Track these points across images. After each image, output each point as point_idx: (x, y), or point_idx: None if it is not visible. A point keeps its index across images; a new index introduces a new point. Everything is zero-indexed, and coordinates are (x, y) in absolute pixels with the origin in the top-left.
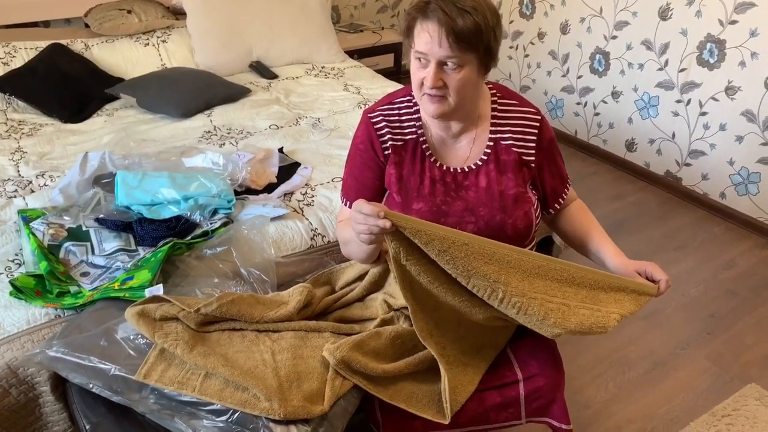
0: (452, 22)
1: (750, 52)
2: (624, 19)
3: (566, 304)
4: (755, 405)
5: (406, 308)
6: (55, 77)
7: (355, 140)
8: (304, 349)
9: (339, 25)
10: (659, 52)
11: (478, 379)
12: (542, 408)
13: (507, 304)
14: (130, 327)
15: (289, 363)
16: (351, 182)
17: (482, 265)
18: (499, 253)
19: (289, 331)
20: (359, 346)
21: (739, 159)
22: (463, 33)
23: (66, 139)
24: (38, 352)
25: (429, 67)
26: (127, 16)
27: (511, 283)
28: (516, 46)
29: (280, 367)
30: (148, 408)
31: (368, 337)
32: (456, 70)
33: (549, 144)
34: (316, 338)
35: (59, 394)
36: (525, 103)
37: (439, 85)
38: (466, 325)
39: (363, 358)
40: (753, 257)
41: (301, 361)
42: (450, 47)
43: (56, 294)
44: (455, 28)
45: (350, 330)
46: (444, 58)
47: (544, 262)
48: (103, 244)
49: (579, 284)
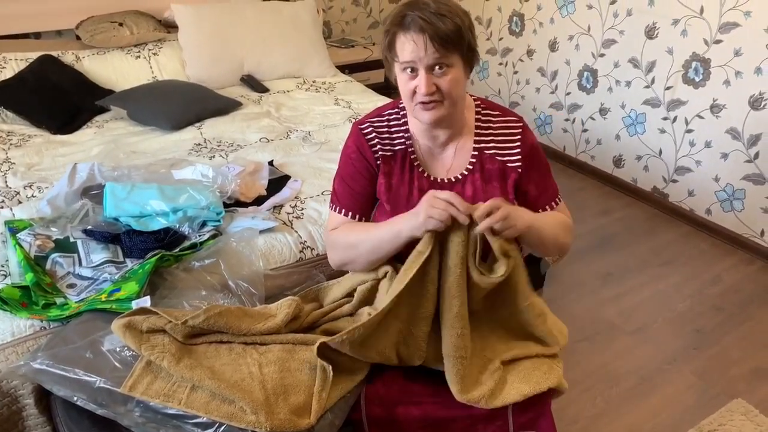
0: (433, 26)
1: (734, 71)
2: (611, 38)
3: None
4: (741, 420)
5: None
6: (45, 88)
7: (345, 150)
8: (291, 362)
9: (330, 40)
10: (646, 70)
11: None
12: (530, 422)
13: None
14: (116, 339)
15: (276, 376)
16: (342, 189)
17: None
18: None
19: (277, 344)
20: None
21: (725, 176)
22: (446, 35)
23: (55, 151)
24: (22, 364)
25: (419, 75)
26: (118, 28)
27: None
28: (505, 62)
29: (267, 380)
30: (133, 421)
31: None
32: (445, 73)
33: (531, 152)
34: (303, 351)
35: (43, 407)
36: (507, 113)
37: (433, 90)
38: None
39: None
40: (738, 273)
41: (288, 374)
42: (436, 51)
43: (42, 305)
44: (438, 32)
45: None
46: (432, 63)
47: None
48: (90, 256)
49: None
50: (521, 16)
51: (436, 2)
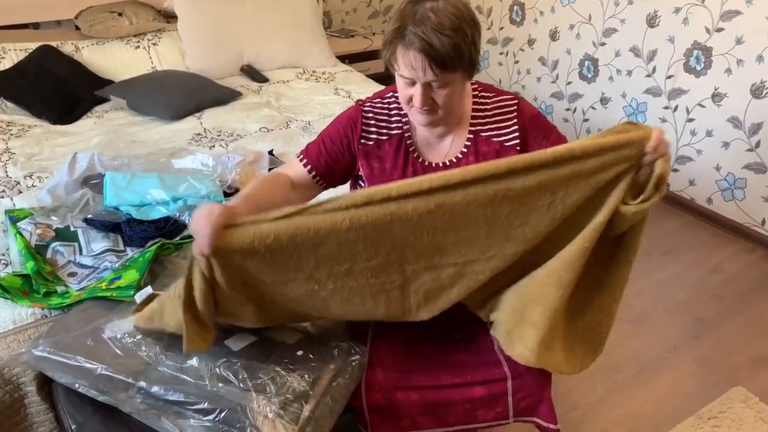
0: (432, 50)
1: (736, 60)
2: (612, 26)
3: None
4: (741, 407)
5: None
6: (45, 79)
7: (340, 117)
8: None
9: (330, 30)
10: (647, 59)
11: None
12: (530, 408)
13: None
14: (117, 326)
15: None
16: (316, 146)
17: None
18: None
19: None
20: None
21: (726, 165)
22: (444, 59)
23: (55, 141)
24: (24, 351)
25: (416, 88)
26: (118, 18)
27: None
28: (506, 52)
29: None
30: (134, 408)
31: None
32: (442, 88)
33: (532, 120)
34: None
35: (45, 394)
36: (501, 93)
37: (429, 104)
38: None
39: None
40: (739, 262)
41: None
42: (434, 73)
43: (43, 294)
44: (436, 56)
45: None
46: (429, 81)
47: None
48: (91, 245)
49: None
50: (522, 5)
51: (440, 13)
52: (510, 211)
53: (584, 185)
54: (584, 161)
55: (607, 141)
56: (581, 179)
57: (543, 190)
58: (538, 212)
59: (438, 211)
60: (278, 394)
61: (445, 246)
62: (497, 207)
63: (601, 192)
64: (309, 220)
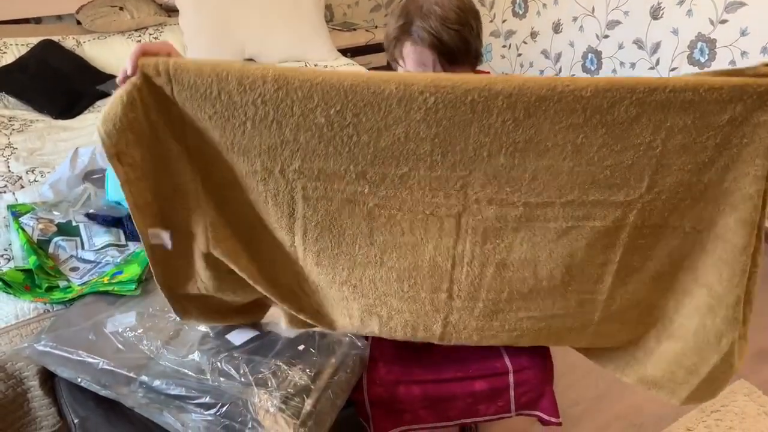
0: (441, 45)
1: (740, 51)
2: (616, 19)
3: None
4: (744, 401)
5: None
6: (47, 74)
7: None
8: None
9: (332, 23)
10: (651, 52)
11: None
12: (532, 402)
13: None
14: (118, 321)
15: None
16: None
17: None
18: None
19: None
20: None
21: None
22: (454, 53)
23: (57, 136)
24: (26, 346)
25: None
26: (119, 12)
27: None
28: (509, 45)
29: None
30: (136, 402)
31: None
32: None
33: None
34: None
35: (48, 389)
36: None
37: None
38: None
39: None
40: None
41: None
42: (443, 67)
43: (45, 288)
44: (446, 51)
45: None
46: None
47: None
48: (92, 239)
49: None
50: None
51: (446, 6)
52: (603, 144)
53: (692, 129)
54: (702, 93)
55: (742, 79)
56: (689, 116)
57: (645, 122)
58: (633, 151)
59: (525, 123)
60: (280, 388)
61: (519, 176)
62: (590, 132)
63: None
64: (377, 80)
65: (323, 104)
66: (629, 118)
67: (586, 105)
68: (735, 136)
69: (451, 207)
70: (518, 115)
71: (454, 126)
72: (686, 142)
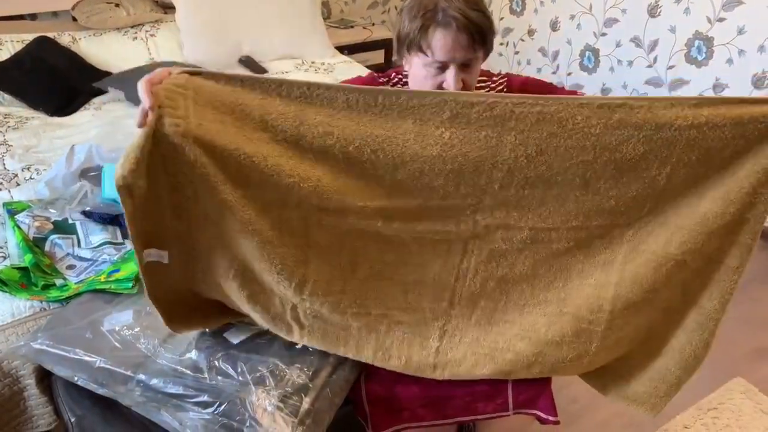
0: (472, 25)
1: (737, 50)
2: (613, 17)
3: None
4: (741, 398)
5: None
6: (42, 71)
7: (353, 79)
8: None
9: (329, 20)
10: (648, 50)
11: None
12: (530, 400)
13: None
14: (115, 319)
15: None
16: None
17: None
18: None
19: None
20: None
21: None
22: (484, 32)
23: (53, 133)
24: (23, 344)
25: (449, 72)
26: (115, 9)
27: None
28: (506, 42)
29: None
30: (133, 400)
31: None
32: (472, 68)
33: (521, 89)
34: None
35: (44, 387)
36: (491, 74)
37: (460, 87)
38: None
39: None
40: None
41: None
42: (474, 48)
43: (41, 287)
44: (477, 30)
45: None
46: (466, 60)
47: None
48: (89, 237)
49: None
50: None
51: None
52: (610, 177)
53: (696, 165)
54: (706, 131)
55: (742, 111)
56: (694, 153)
57: (651, 158)
58: (639, 183)
59: (536, 159)
60: (277, 386)
61: (528, 204)
62: (600, 169)
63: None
64: (394, 116)
65: (342, 140)
66: (637, 155)
67: (596, 143)
68: (737, 166)
69: (461, 233)
70: (530, 152)
71: (469, 162)
72: (689, 175)
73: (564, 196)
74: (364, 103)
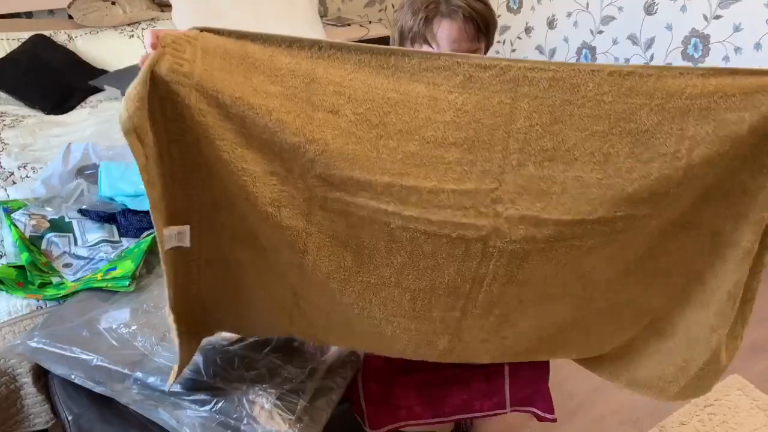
0: (477, 15)
1: (734, 47)
2: (610, 14)
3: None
4: (737, 395)
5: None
6: (38, 69)
7: None
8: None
9: (326, 18)
10: (645, 47)
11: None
12: (527, 398)
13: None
14: (112, 317)
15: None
16: None
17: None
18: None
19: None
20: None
21: None
22: (488, 22)
23: (49, 131)
24: (19, 343)
25: None
26: (111, 7)
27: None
28: (503, 40)
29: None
30: (131, 398)
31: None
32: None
33: None
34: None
35: (41, 386)
36: None
37: None
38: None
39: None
40: None
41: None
42: (478, 39)
43: (38, 285)
44: (481, 20)
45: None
46: (470, 51)
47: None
48: (86, 235)
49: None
50: None
51: None
52: (630, 153)
53: (715, 140)
54: (717, 100)
55: (751, 81)
56: (710, 125)
57: (667, 130)
58: (659, 162)
59: (551, 129)
60: (275, 384)
61: (549, 188)
62: (617, 141)
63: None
64: (406, 79)
65: (354, 101)
66: (652, 125)
67: (609, 111)
68: (758, 148)
69: (480, 228)
70: (545, 120)
71: (483, 129)
72: (710, 153)
73: (585, 179)
74: (376, 65)
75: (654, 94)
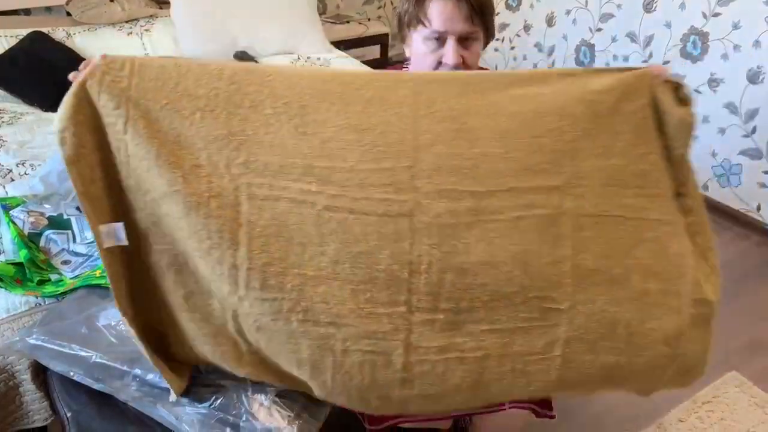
0: None
1: (733, 45)
2: (609, 12)
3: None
4: (735, 392)
5: None
6: (36, 66)
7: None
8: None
9: (325, 15)
10: (643, 45)
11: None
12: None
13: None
14: (111, 314)
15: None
16: None
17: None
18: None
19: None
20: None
21: (722, 151)
22: (482, 3)
23: (47, 128)
24: (18, 340)
25: (447, 45)
26: (109, 4)
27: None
28: (502, 38)
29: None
30: (130, 395)
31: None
32: (472, 45)
33: None
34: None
35: (40, 383)
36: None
37: (460, 63)
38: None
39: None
40: (735, 248)
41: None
42: (472, 20)
43: (37, 282)
44: (474, 1)
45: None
46: (465, 33)
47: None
48: (84, 232)
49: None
50: None
51: None
52: (520, 129)
53: (590, 117)
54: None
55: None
56: (584, 105)
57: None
58: (549, 138)
59: (456, 107)
60: None
61: (461, 164)
62: (507, 120)
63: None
64: (322, 76)
65: (273, 97)
66: (538, 110)
67: (501, 98)
68: (625, 122)
69: (403, 203)
70: (446, 106)
71: (392, 116)
72: (589, 128)
73: (491, 154)
74: (295, 71)
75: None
